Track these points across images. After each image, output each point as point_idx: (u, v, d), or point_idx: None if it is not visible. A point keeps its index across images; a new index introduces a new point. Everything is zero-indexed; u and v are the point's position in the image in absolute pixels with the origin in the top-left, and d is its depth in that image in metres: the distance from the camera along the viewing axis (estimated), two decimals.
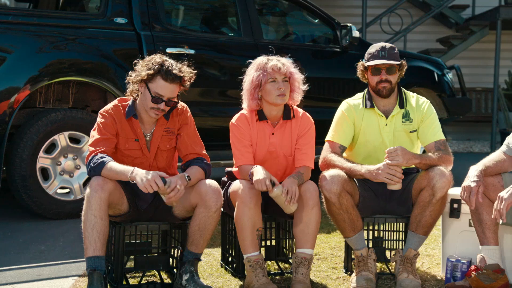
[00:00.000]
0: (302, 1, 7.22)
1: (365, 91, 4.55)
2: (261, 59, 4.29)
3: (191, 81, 4.09)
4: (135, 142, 4.09)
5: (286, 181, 4.08)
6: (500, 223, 3.91)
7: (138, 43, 6.06)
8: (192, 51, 6.28)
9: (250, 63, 4.36)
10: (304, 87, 4.38)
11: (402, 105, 4.47)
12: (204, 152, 4.21)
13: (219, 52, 6.73)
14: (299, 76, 4.33)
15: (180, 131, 4.18)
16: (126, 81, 4.10)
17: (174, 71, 3.97)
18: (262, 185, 4.00)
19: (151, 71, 3.95)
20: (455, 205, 4.43)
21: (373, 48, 4.45)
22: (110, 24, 6.08)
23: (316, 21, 7.49)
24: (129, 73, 4.08)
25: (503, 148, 4.25)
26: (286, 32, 8.00)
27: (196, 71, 4.11)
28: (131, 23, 6.14)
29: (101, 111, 4.08)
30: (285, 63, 4.26)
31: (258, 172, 4.05)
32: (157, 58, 4.02)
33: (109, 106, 4.10)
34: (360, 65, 4.50)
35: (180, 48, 6.24)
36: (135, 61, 4.10)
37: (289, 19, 8.00)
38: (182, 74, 4.00)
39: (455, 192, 4.41)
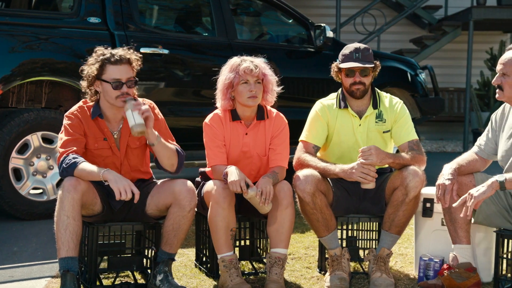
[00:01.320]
0: (276, 1, 7.23)
1: (339, 91, 4.57)
2: (235, 60, 4.29)
3: (140, 61, 4.08)
4: (104, 141, 4.07)
5: (261, 180, 4.09)
6: (469, 219, 3.94)
7: (111, 43, 6.03)
8: (166, 51, 6.26)
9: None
10: (278, 89, 4.39)
11: (375, 106, 4.49)
12: (177, 145, 4.19)
13: (193, 52, 6.72)
14: (272, 78, 4.34)
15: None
16: (82, 89, 4.08)
17: (118, 54, 3.98)
18: (237, 187, 4.00)
19: (97, 64, 3.96)
20: (428, 205, 4.46)
21: (347, 50, 4.46)
22: (84, 23, 6.05)
23: (290, 21, 7.50)
24: (81, 82, 4.07)
25: (475, 149, 4.29)
26: (260, 32, 8.01)
27: (140, 54, 4.11)
28: (104, 22, 6.11)
29: (66, 113, 4.06)
30: (258, 65, 4.26)
31: (233, 173, 4.05)
32: (96, 51, 4.03)
33: (74, 108, 4.09)
34: (334, 66, 4.51)
35: (154, 48, 6.23)
36: (80, 68, 4.08)
37: (263, 19, 8.01)
38: (127, 55, 4.01)
39: (428, 191, 4.44)
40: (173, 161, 4.06)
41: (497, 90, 4.06)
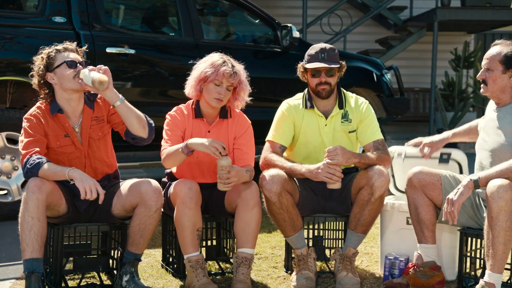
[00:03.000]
0: (242, 1, 7.24)
1: (305, 91, 4.59)
2: (218, 57, 4.29)
3: (82, 52, 4.12)
4: (66, 138, 4.04)
5: (237, 167, 4.10)
6: (450, 224, 3.97)
7: (77, 43, 5.98)
8: (132, 51, 6.24)
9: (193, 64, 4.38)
10: (248, 99, 4.40)
11: (341, 106, 4.52)
12: None
13: (159, 52, 6.70)
14: (247, 88, 4.35)
15: (112, 117, 4.14)
16: (34, 87, 4.07)
17: (62, 46, 4.04)
18: (218, 146, 3.99)
19: (45, 56, 4.01)
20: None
21: (313, 50, 4.47)
22: (49, 23, 5.99)
23: (257, 21, 7.51)
24: (32, 82, 4.07)
25: (480, 123, 4.38)
26: (227, 32, 8.01)
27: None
28: (70, 22, 6.07)
29: (25, 116, 4.03)
30: (238, 72, 4.26)
31: (203, 140, 4.05)
32: (42, 51, 4.06)
33: (32, 109, 4.07)
34: (300, 66, 4.53)
35: (120, 47, 6.20)
36: (30, 74, 4.09)
37: (230, 19, 8.01)
38: (71, 46, 4.06)
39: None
40: (143, 123, 4.03)
41: (481, 85, 4.15)
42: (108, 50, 5.99)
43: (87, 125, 4.08)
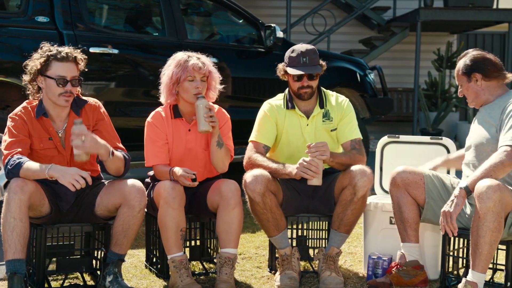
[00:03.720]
0: (226, 1, 7.23)
1: (286, 91, 4.58)
2: (181, 56, 4.30)
3: (85, 60, 4.07)
4: (49, 141, 4.03)
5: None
6: (450, 236, 3.95)
7: (60, 42, 5.95)
8: (115, 51, 6.21)
9: None
10: (221, 87, 4.40)
11: (322, 105, 4.52)
12: (121, 145, 4.18)
13: (143, 51, 6.68)
14: (216, 76, 4.37)
15: (97, 126, 4.13)
16: (23, 84, 4.05)
17: (65, 51, 3.97)
18: (186, 175, 4.07)
19: (43, 59, 3.93)
20: None
21: (294, 53, 4.45)
22: (31, 22, 5.95)
23: (241, 21, 7.50)
24: (22, 76, 4.04)
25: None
26: (211, 32, 8.00)
27: (84, 54, 4.10)
28: (53, 22, 6.03)
29: (10, 115, 4.01)
30: (205, 62, 4.29)
31: (178, 171, 4.13)
32: (44, 47, 4.01)
33: (18, 109, 4.04)
34: (281, 69, 4.51)
35: (103, 47, 6.17)
36: (24, 64, 4.04)
37: (213, 19, 8.00)
38: (74, 54, 3.99)
39: None
40: (120, 169, 4.06)
41: (467, 100, 4.26)
42: (92, 50, 5.96)
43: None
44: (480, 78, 4.12)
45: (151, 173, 4.48)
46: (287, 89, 4.58)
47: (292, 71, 4.40)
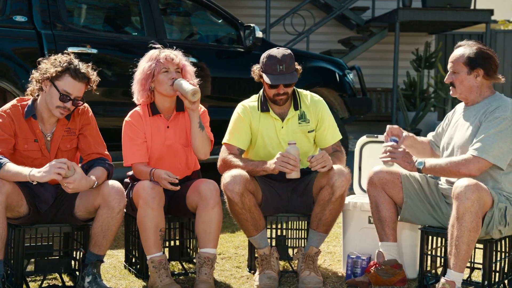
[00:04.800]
0: (205, 1, 7.22)
1: (260, 93, 4.56)
2: (153, 51, 4.31)
3: (96, 83, 4.07)
4: (35, 143, 4.01)
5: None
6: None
7: (38, 42, 5.93)
8: (94, 51, 6.19)
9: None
10: (196, 81, 4.39)
11: (296, 107, 4.51)
12: (106, 152, 4.18)
13: (122, 51, 6.66)
14: (190, 68, 4.37)
15: (83, 131, 4.13)
16: (29, 79, 4.02)
17: (82, 70, 3.96)
18: (168, 178, 4.06)
19: (59, 68, 3.91)
20: None
21: (270, 59, 4.38)
22: (9, 22, 5.91)
23: (220, 21, 7.50)
24: (33, 71, 4.01)
25: (430, 137, 4.46)
26: (190, 32, 7.99)
27: (98, 77, 4.09)
28: (31, 21, 6.00)
29: None
30: (177, 54, 4.31)
31: (161, 173, 4.11)
32: (64, 56, 3.99)
33: (7, 106, 4.01)
34: (257, 73, 4.47)
35: (82, 47, 6.14)
36: (39, 59, 4.03)
37: (193, 19, 7.99)
38: (89, 76, 3.99)
39: None
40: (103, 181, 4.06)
41: (450, 88, 4.19)
42: (70, 49, 5.92)
43: (59, 134, 4.05)
44: (481, 75, 4.06)
45: (130, 173, 4.47)
46: (261, 91, 4.56)
47: (268, 80, 4.36)
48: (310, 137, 4.54)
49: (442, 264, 4.27)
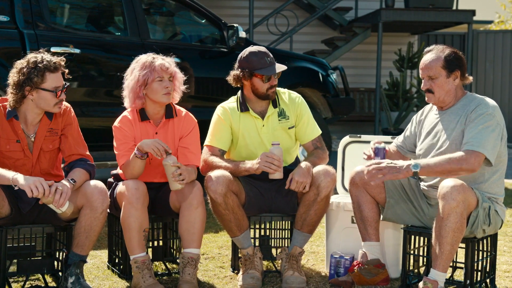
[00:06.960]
0: (189, 1, 7.22)
1: (238, 94, 4.56)
2: (145, 58, 4.28)
3: (64, 62, 4.05)
4: (17, 143, 3.99)
5: (183, 166, 4.10)
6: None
7: (21, 42, 5.90)
8: (77, 51, 6.17)
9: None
10: (183, 87, 4.40)
11: (275, 104, 4.52)
12: (88, 153, 4.16)
13: (105, 51, 6.64)
14: (180, 76, 4.37)
15: (64, 131, 4.11)
16: (7, 96, 3.98)
17: (53, 61, 3.95)
18: (159, 148, 4.03)
19: (40, 73, 3.87)
20: None
21: (255, 56, 4.41)
22: None
23: (203, 21, 7.50)
24: (8, 89, 3.95)
25: (393, 146, 4.41)
26: (174, 32, 7.98)
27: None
28: (13, 21, 5.97)
29: None
30: (170, 62, 4.29)
31: (148, 141, 4.08)
32: (31, 59, 3.93)
33: None
34: (242, 75, 4.44)
35: (65, 47, 6.12)
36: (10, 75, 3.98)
37: (176, 19, 7.98)
38: (60, 62, 3.99)
39: None
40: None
41: (426, 94, 4.10)
42: (53, 49, 5.91)
43: (42, 135, 4.03)
44: (458, 76, 4.05)
45: (114, 172, 4.46)
46: (239, 92, 4.57)
47: (265, 72, 4.38)
48: (291, 133, 4.55)
49: (424, 263, 4.30)
